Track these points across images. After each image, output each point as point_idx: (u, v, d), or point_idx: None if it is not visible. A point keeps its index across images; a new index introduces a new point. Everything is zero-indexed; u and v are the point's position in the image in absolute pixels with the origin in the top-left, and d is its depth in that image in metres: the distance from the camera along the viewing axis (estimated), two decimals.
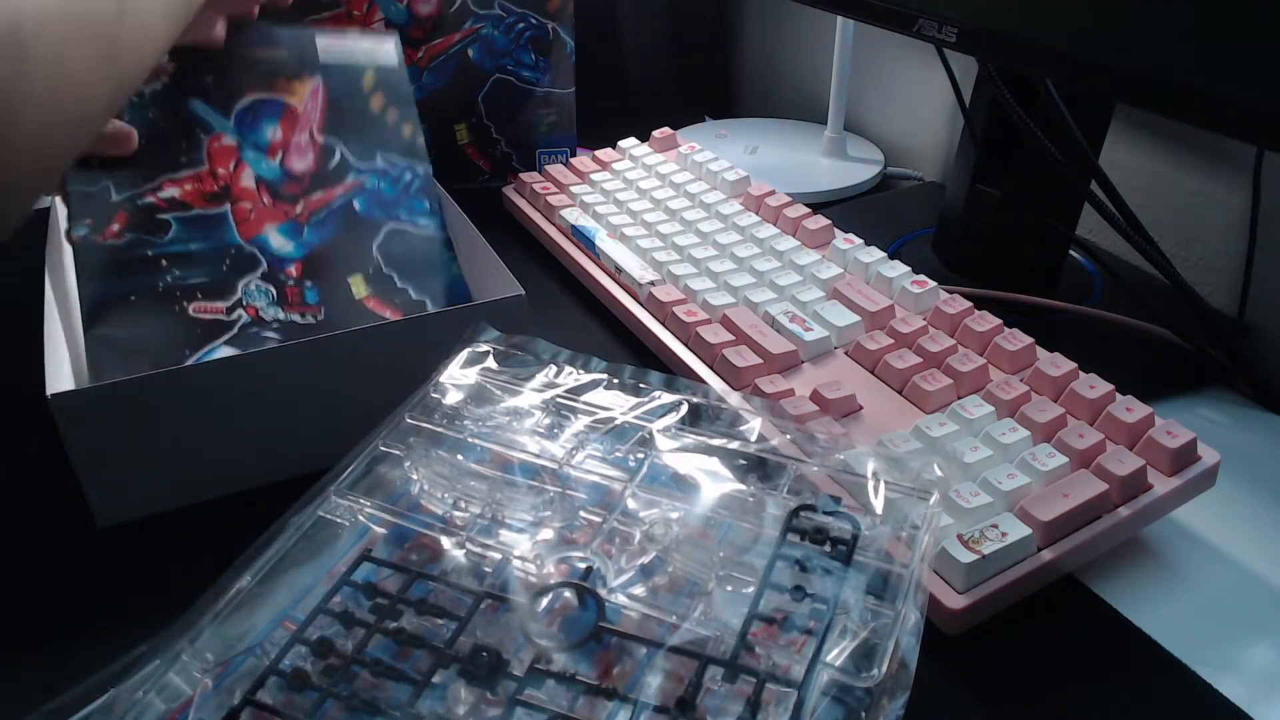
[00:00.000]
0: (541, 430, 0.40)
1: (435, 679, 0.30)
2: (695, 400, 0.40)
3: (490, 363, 0.43)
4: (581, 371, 0.42)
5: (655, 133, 0.73)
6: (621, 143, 0.73)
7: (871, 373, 0.49)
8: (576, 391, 0.41)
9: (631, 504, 0.36)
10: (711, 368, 0.50)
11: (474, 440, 0.39)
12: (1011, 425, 0.43)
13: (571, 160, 0.72)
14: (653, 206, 0.65)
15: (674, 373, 0.49)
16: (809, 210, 0.61)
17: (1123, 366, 0.47)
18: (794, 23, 0.94)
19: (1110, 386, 0.44)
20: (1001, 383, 0.45)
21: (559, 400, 0.41)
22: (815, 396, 0.45)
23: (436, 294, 0.50)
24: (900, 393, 0.47)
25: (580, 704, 0.29)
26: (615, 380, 0.42)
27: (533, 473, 0.38)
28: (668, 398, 0.40)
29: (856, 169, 0.79)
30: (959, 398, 0.45)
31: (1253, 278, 0.56)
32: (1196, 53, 0.40)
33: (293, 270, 0.48)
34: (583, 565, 0.33)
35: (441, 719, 0.29)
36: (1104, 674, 0.36)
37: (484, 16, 0.70)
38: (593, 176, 0.69)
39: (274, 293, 0.48)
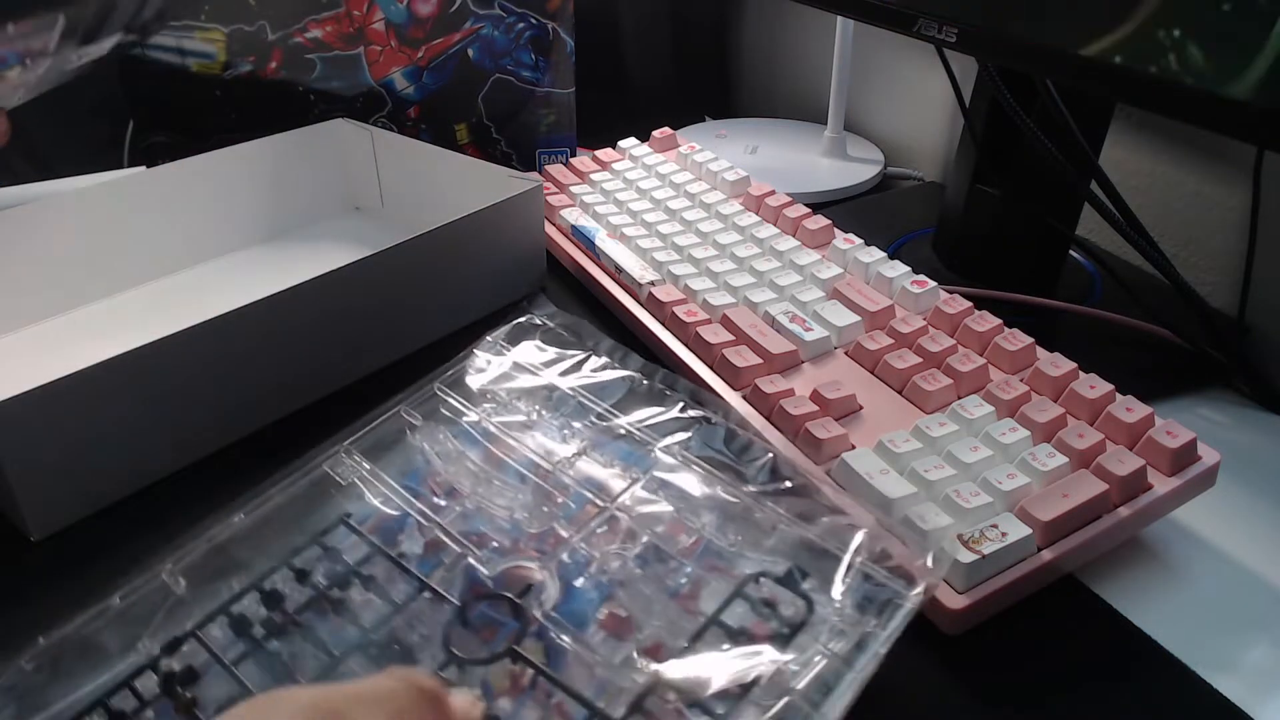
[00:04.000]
0: (552, 424, 0.39)
1: (349, 661, 0.31)
2: (714, 421, 0.39)
3: (535, 338, 0.43)
4: (617, 366, 0.42)
5: (655, 133, 0.73)
6: (621, 143, 0.73)
7: (871, 373, 0.49)
8: (600, 387, 0.41)
9: (602, 530, 0.35)
10: (711, 368, 0.50)
11: (485, 425, 0.39)
12: (1011, 425, 0.43)
13: (571, 160, 0.72)
14: (653, 206, 0.65)
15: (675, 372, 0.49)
16: (809, 210, 0.61)
17: (1123, 366, 0.48)
18: (794, 23, 0.94)
19: (1110, 386, 0.44)
20: (1001, 383, 0.45)
21: (580, 396, 0.41)
22: (815, 396, 0.45)
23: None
24: (900, 393, 0.47)
25: None
26: (645, 382, 0.41)
27: (530, 467, 0.38)
28: (687, 413, 0.40)
29: (856, 169, 0.79)
30: (959, 398, 0.45)
31: (1253, 278, 0.56)
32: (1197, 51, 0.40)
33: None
34: (531, 578, 0.33)
35: None
36: (1104, 674, 0.36)
37: (484, 16, 0.70)
38: (593, 176, 0.69)
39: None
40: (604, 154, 0.72)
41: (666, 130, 0.74)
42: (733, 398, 0.47)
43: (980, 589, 0.36)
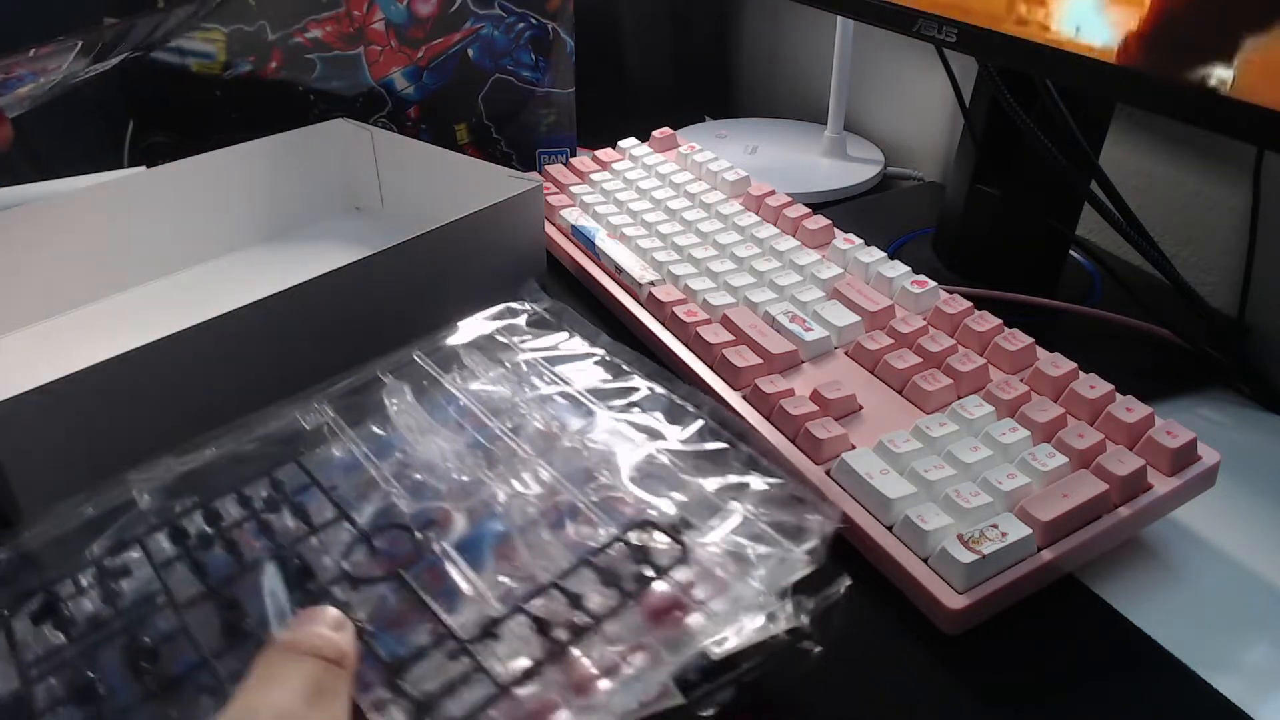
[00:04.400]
0: (508, 388, 0.41)
1: (258, 571, 0.33)
2: (659, 392, 0.40)
3: (519, 319, 0.45)
4: (586, 344, 0.43)
5: (655, 133, 0.73)
6: (621, 143, 0.73)
7: (871, 373, 0.49)
8: (563, 359, 0.43)
9: (521, 480, 0.36)
10: (711, 368, 0.50)
11: (447, 386, 0.41)
12: (1011, 425, 0.43)
13: (571, 160, 0.72)
14: (653, 206, 0.65)
15: (673, 371, 0.49)
16: (809, 210, 0.61)
17: (1123, 366, 0.47)
18: (794, 23, 0.94)
19: (1110, 386, 0.44)
20: (1001, 383, 0.45)
21: (541, 366, 0.42)
22: (815, 396, 0.45)
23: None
24: (900, 393, 0.47)
25: None
26: (607, 357, 0.43)
27: (476, 424, 0.39)
28: (635, 382, 0.41)
29: (856, 169, 0.79)
30: (959, 398, 0.45)
31: (1253, 278, 0.56)
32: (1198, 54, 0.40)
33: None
34: (444, 518, 0.35)
35: (232, 603, 0.32)
36: (1104, 674, 0.36)
37: (484, 16, 0.70)
38: (593, 176, 0.69)
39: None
40: (604, 154, 0.72)
41: (666, 130, 0.74)
42: (733, 398, 0.47)
43: (980, 589, 0.36)
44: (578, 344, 0.44)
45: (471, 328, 0.45)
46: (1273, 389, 0.51)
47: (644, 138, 0.74)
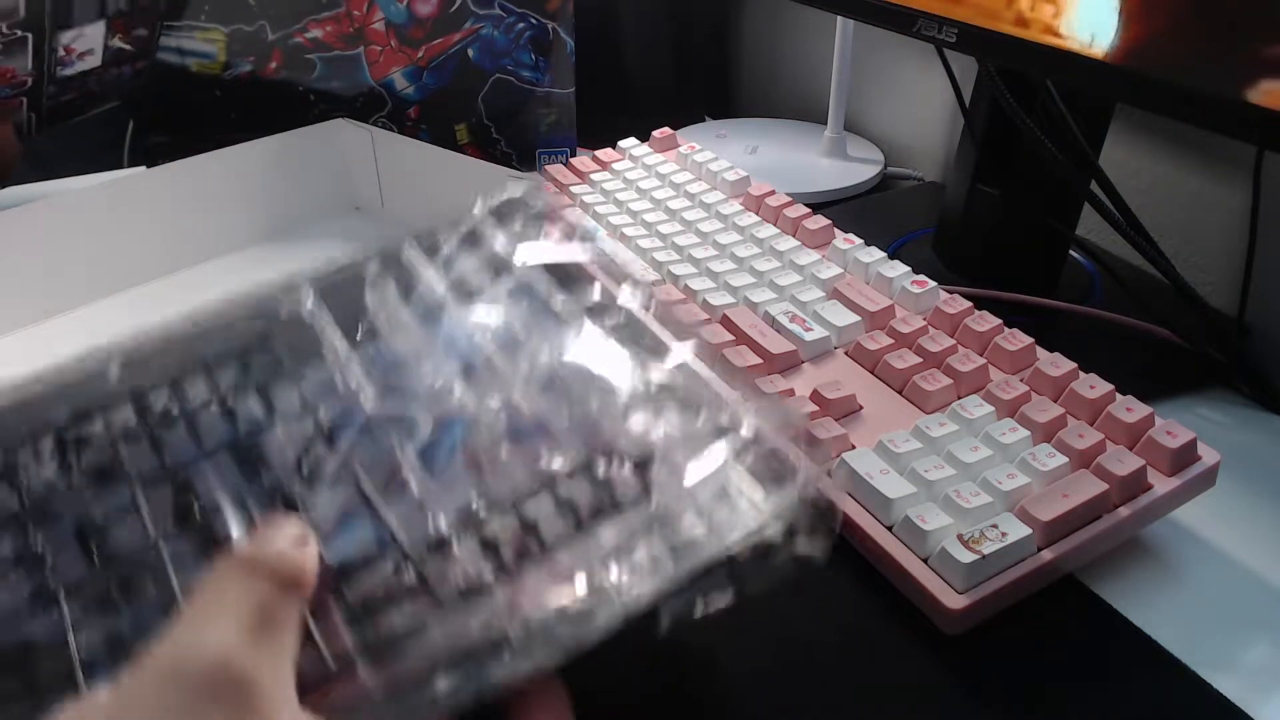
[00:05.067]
0: (493, 292, 0.39)
1: (217, 456, 0.32)
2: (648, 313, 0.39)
3: (519, 217, 0.43)
4: (587, 243, 0.42)
5: (655, 133, 0.73)
6: (621, 143, 0.73)
7: (871, 373, 0.49)
8: (559, 266, 0.41)
9: (492, 392, 0.35)
10: (711, 368, 0.50)
11: (431, 283, 0.40)
12: (1011, 425, 0.43)
13: (571, 160, 0.72)
14: (653, 206, 0.65)
15: None
16: (809, 210, 0.61)
17: (1123, 366, 0.47)
18: (794, 23, 0.94)
19: (1110, 386, 0.44)
20: (1001, 383, 0.45)
21: (531, 272, 0.40)
22: (815, 396, 0.45)
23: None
24: (900, 393, 0.47)
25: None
26: (599, 266, 0.41)
27: (454, 328, 0.38)
28: (614, 291, 0.39)
29: (856, 169, 0.79)
30: (959, 398, 0.45)
31: (1253, 278, 0.56)
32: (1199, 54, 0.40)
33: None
34: (407, 417, 0.34)
35: (187, 485, 0.31)
36: (1104, 674, 0.36)
37: (484, 16, 0.70)
38: (593, 176, 0.69)
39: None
40: (604, 154, 0.72)
41: (666, 130, 0.74)
42: (732, 398, 0.47)
43: (980, 589, 0.36)
44: (574, 250, 0.42)
45: (469, 221, 0.43)
46: (1273, 389, 0.51)
47: (644, 138, 0.74)
